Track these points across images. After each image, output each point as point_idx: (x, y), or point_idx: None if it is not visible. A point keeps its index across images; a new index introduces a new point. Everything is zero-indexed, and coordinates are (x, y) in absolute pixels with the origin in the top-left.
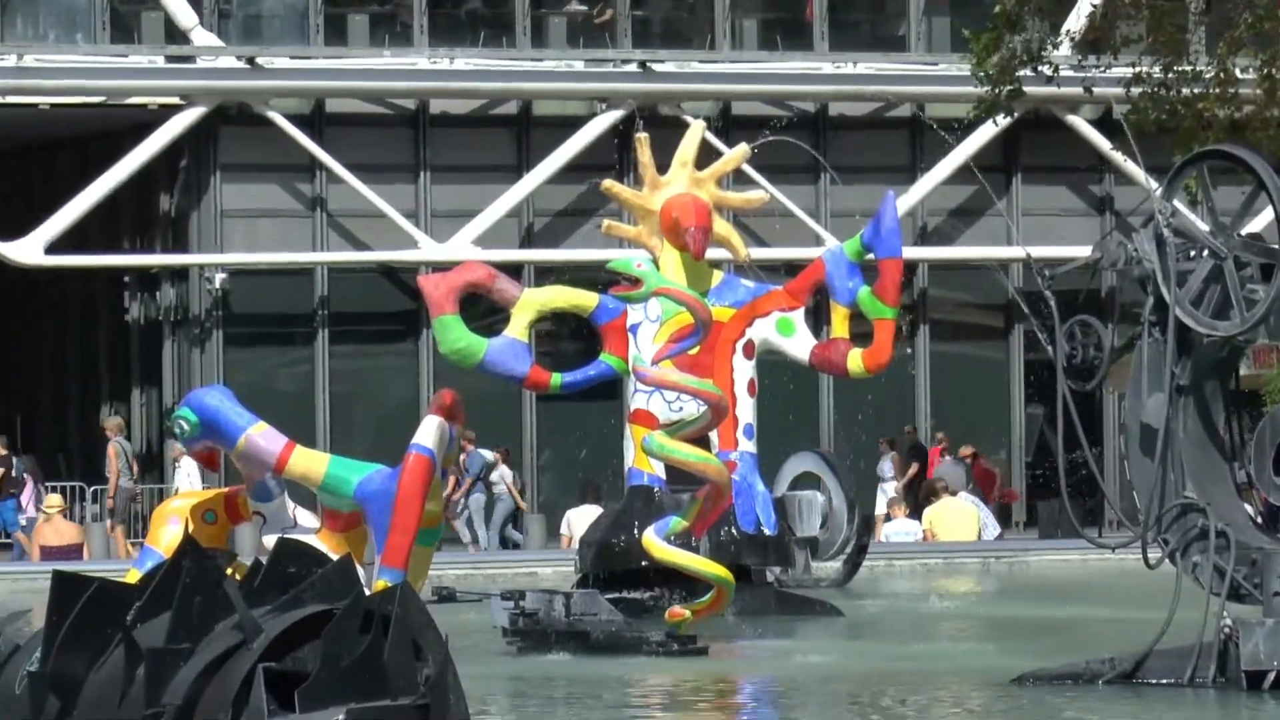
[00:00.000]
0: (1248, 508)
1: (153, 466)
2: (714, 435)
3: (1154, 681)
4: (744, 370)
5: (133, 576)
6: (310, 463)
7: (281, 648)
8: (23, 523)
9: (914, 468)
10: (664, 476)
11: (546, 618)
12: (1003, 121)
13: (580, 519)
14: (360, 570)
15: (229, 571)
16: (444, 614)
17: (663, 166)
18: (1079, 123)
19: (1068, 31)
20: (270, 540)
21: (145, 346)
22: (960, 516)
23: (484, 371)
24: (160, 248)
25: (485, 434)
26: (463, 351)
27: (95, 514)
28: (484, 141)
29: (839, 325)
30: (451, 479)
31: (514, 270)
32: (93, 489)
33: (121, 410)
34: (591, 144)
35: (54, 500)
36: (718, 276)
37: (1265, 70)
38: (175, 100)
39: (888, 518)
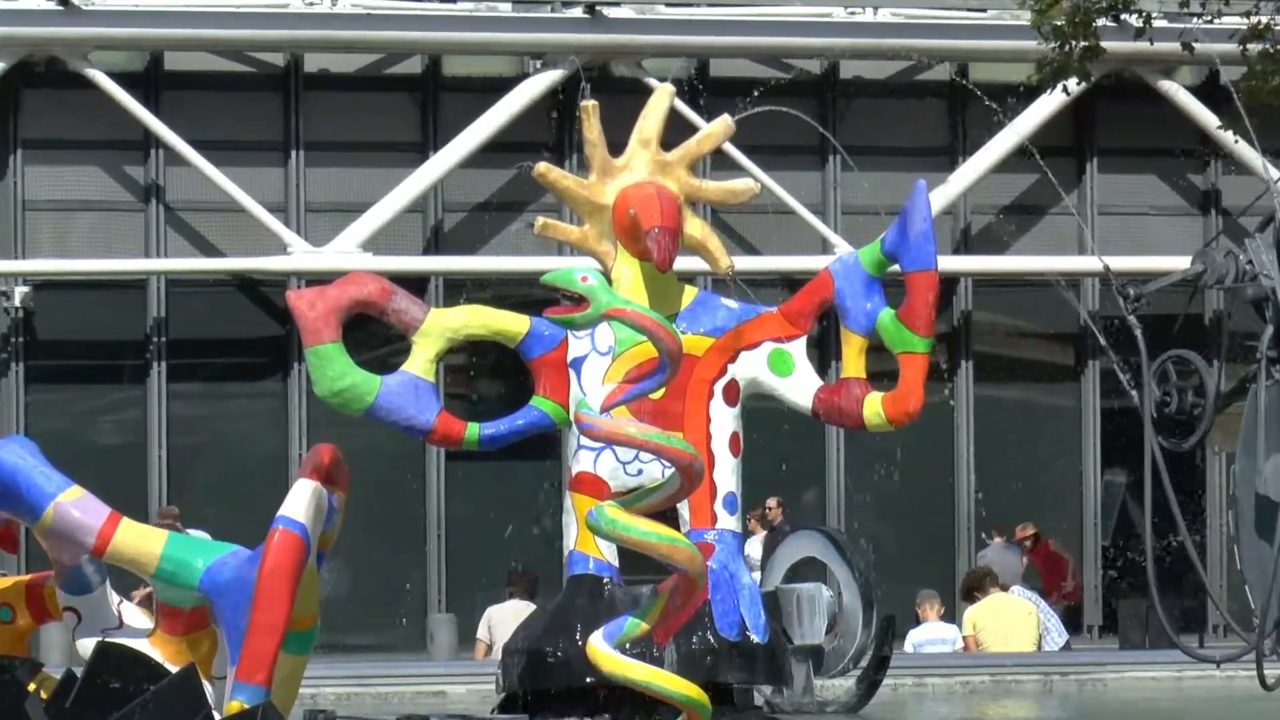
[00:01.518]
0: None
1: None
2: (684, 508)
3: None
4: (725, 420)
5: None
6: (141, 542)
7: None
8: None
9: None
10: (616, 563)
11: None
12: (1074, 89)
13: (504, 619)
14: (208, 686)
15: (31, 687)
16: None
17: (617, 146)
18: (1175, 91)
19: None
20: (87, 645)
21: None
22: (1014, 618)
23: (375, 419)
24: None
25: (377, 503)
26: (347, 393)
27: None
28: (377, 111)
29: (853, 361)
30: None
31: (417, 284)
32: None
33: None
34: (521, 115)
35: None
36: (691, 294)
37: None
38: None
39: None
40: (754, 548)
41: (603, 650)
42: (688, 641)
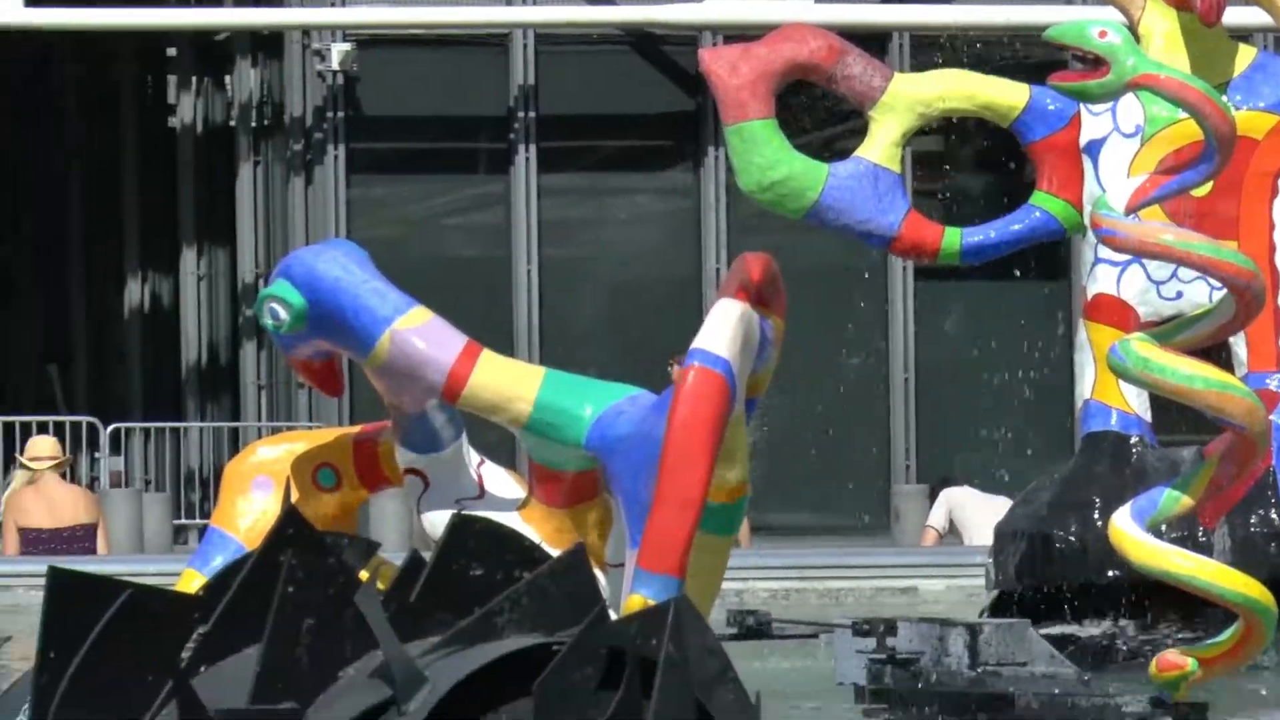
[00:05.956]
0: None
1: (224, 389)
2: (1239, 343)
3: None
4: None
5: (190, 582)
6: (508, 382)
7: (459, 712)
8: None
9: None
10: (1147, 417)
11: (933, 667)
12: None
13: (974, 501)
14: (600, 576)
15: (364, 575)
16: (749, 658)
17: None
18: None
19: None
20: (437, 520)
21: (206, 174)
22: None
23: (819, 222)
24: None
25: (819, 332)
26: (781, 187)
27: (120, 473)
28: None
29: None
30: None
31: (874, 40)
32: (111, 428)
33: (166, 281)
34: None
35: (42, 447)
36: (1248, 57)
37: None
38: None
39: None
40: None
41: (1130, 534)
42: (1245, 523)
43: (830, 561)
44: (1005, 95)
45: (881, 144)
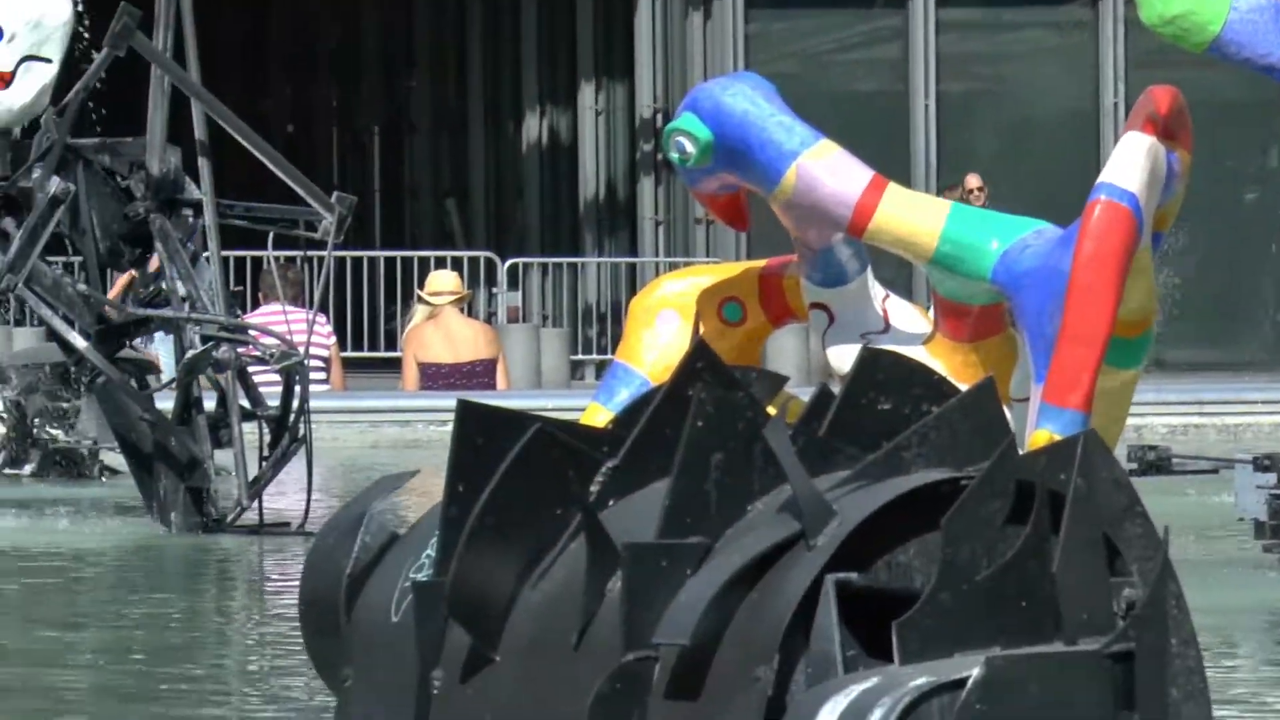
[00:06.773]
0: None
1: (621, 224)
2: None
3: None
4: None
5: (594, 416)
6: (914, 216)
7: (866, 547)
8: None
9: None
10: None
11: None
12: None
13: None
14: (1007, 412)
15: (772, 409)
16: (1149, 493)
17: None
18: None
19: None
20: (843, 353)
21: (605, 8)
22: None
23: (1221, 56)
24: None
25: (1216, 166)
26: (1183, 20)
27: (517, 308)
28: None
29: None
30: None
31: None
32: (509, 263)
33: (565, 116)
34: None
35: (443, 282)
36: None
37: None
38: None
39: None
40: None
41: None
42: None
43: (1230, 397)
44: None
45: None
